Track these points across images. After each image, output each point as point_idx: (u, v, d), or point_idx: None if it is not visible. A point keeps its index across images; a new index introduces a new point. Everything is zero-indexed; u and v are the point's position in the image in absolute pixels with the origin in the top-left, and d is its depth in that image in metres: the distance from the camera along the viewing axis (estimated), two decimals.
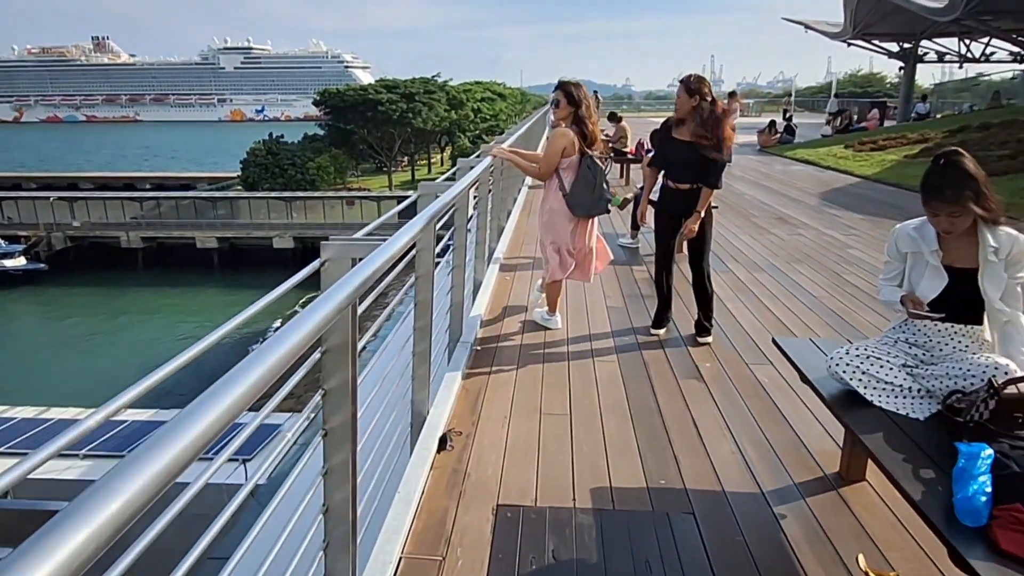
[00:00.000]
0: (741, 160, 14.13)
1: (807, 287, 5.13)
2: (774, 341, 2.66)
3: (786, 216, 8.21)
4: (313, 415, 1.58)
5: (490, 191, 5.28)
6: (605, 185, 3.89)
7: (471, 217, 4.22)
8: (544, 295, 4.30)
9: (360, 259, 1.66)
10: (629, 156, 10.69)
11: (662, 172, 4.06)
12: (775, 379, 3.40)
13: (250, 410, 0.97)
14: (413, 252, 2.43)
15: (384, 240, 1.85)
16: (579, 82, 3.88)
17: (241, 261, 36.28)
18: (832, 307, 4.64)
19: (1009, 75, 27.56)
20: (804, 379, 2.45)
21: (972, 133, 13.61)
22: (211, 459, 1.13)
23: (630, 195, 6.57)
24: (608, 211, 3.99)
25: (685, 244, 4.28)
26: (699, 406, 3.12)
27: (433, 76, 44.64)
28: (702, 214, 3.80)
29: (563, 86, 3.81)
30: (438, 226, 2.77)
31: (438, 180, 3.67)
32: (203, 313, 29.12)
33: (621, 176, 11.31)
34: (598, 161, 3.88)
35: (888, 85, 57.38)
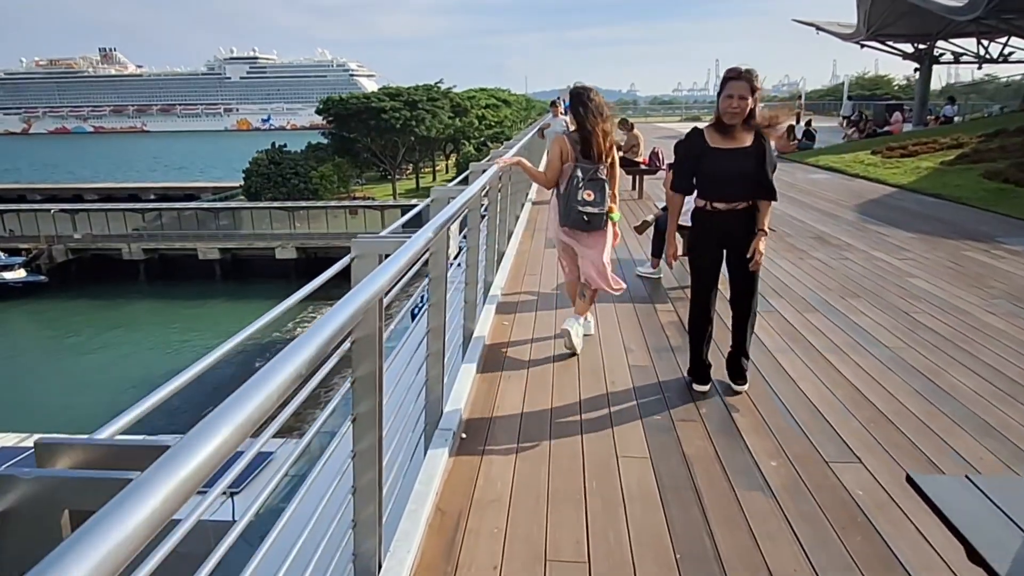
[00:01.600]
0: None
1: (874, 333, 4.17)
2: (909, 480, 1.68)
3: (825, 235, 7.23)
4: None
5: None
6: (586, 195, 3.57)
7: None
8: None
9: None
10: (642, 166, 9.76)
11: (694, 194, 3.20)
12: (872, 490, 2.46)
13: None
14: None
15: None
16: (587, 86, 3.69)
17: (243, 272, 36.02)
18: (913, 363, 3.68)
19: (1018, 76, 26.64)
20: (974, 557, 1.49)
21: (1011, 137, 12.62)
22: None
23: (650, 217, 5.67)
24: (588, 224, 3.62)
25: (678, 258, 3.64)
26: (774, 544, 2.17)
27: (436, 83, 44.18)
28: (767, 231, 3.09)
29: (572, 96, 3.69)
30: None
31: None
32: (206, 326, 28.71)
33: (633, 188, 10.39)
34: (600, 173, 3.59)
35: (896, 87, 56.39)
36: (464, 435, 2.89)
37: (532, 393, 3.38)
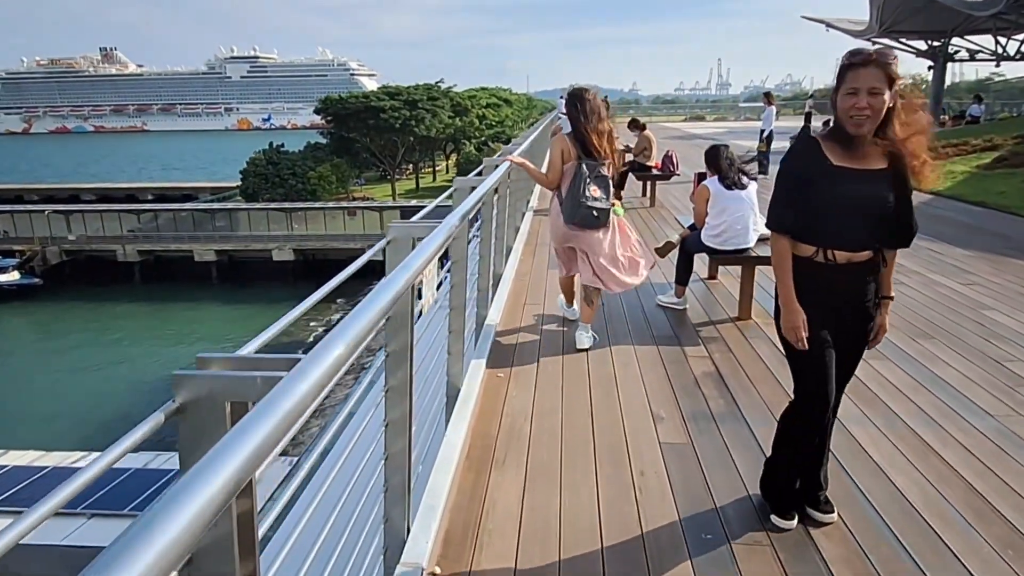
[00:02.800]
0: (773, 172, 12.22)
1: (966, 392, 3.31)
2: None
3: None
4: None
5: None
6: (593, 191, 3.63)
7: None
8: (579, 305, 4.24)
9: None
10: (655, 171, 8.88)
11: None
12: None
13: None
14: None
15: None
16: (583, 87, 3.77)
17: (240, 274, 35.55)
18: None
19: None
20: None
21: None
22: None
23: (674, 237, 4.80)
24: (597, 220, 3.70)
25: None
26: None
27: (436, 82, 43.53)
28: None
29: (567, 99, 3.76)
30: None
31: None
32: (202, 331, 28.17)
33: (644, 194, 9.52)
34: (603, 170, 3.67)
35: (900, 85, 55.31)
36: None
37: (533, 491, 2.52)
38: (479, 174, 4.27)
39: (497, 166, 4.26)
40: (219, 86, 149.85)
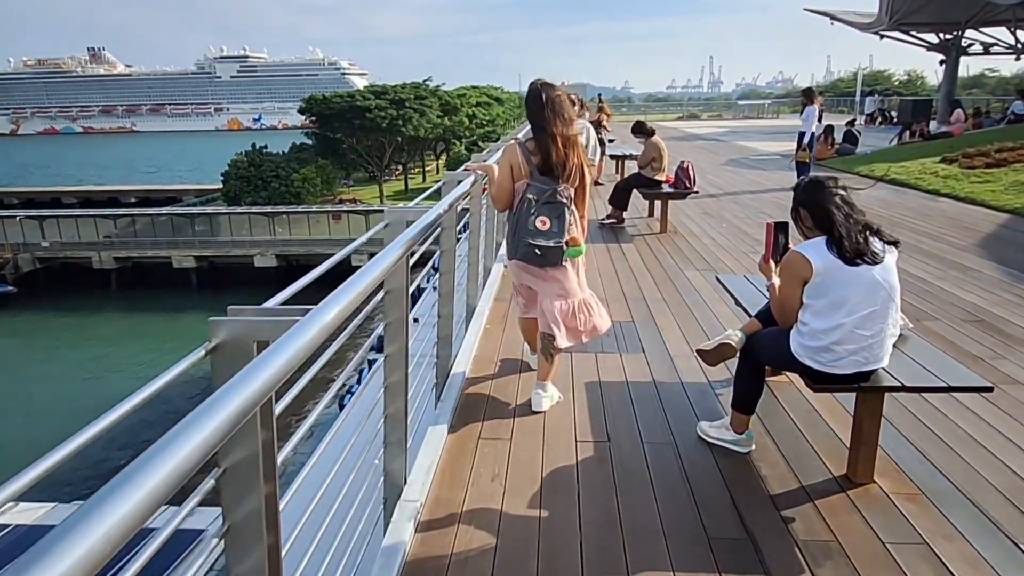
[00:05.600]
0: (791, 178, 10.60)
1: None
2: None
3: (980, 311, 4.44)
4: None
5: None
6: (540, 223, 2.80)
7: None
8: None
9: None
10: (666, 186, 7.16)
11: None
12: None
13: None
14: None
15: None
16: (545, 82, 2.91)
17: (221, 281, 34.37)
18: None
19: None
20: None
21: None
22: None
23: (735, 336, 2.73)
24: (542, 259, 2.84)
25: None
26: None
27: (424, 81, 42.02)
28: None
29: (530, 92, 2.92)
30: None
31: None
32: (179, 343, 26.77)
33: (651, 214, 7.81)
34: (559, 193, 2.80)
35: (896, 83, 54.13)
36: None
37: None
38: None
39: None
40: (209, 86, 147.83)
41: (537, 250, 2.81)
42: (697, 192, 7.47)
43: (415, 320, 3.32)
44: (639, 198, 7.85)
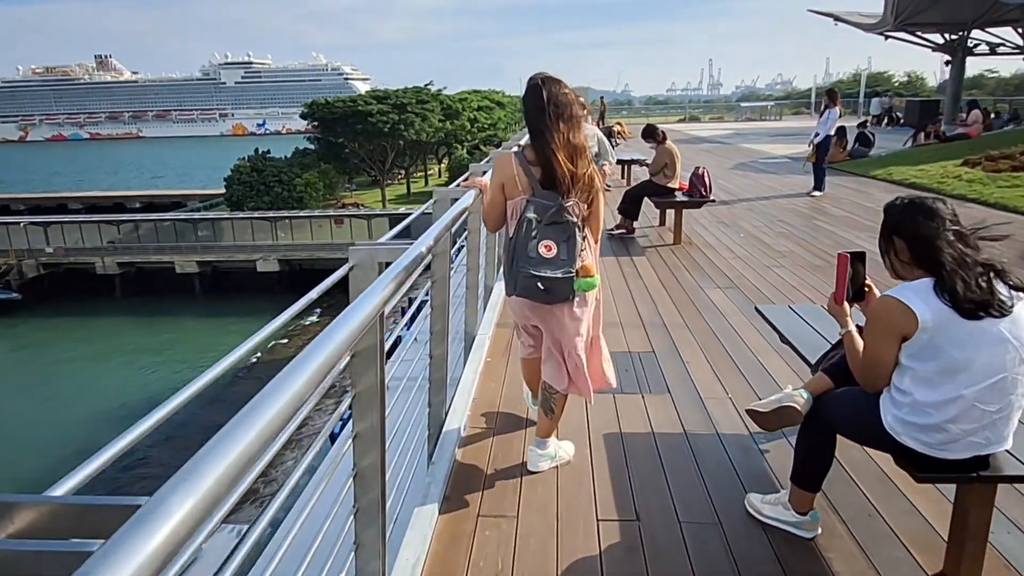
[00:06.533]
0: (805, 183, 10.07)
1: None
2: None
3: None
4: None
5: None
6: (543, 249, 2.22)
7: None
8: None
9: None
10: (679, 195, 6.68)
11: None
12: None
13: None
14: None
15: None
16: (547, 76, 2.33)
17: (224, 286, 34.42)
18: None
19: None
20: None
21: None
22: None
23: (797, 396, 2.13)
24: (547, 294, 2.27)
25: None
26: None
27: (426, 85, 41.80)
28: None
29: (529, 89, 2.33)
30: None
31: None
32: (184, 351, 26.55)
33: (662, 223, 7.33)
34: (567, 212, 2.22)
35: (896, 84, 53.60)
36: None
37: None
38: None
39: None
40: (214, 92, 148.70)
41: (540, 283, 2.23)
42: (714, 200, 6.96)
43: (401, 360, 2.84)
44: (650, 206, 7.39)
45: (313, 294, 1.55)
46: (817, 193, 9.59)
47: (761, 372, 3.40)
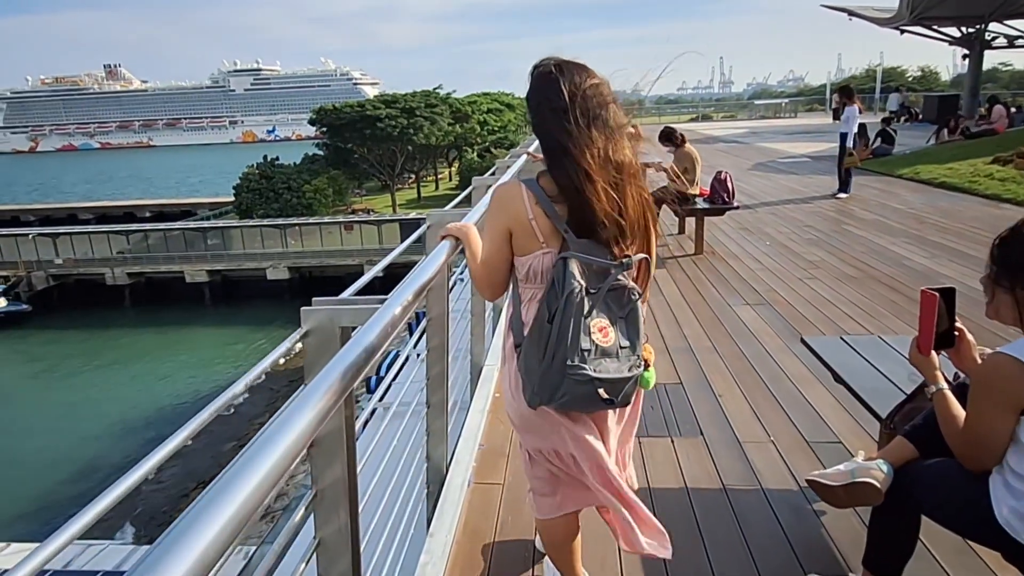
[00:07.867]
0: (829, 184, 9.66)
1: None
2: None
3: None
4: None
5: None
6: (600, 334, 1.42)
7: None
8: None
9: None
10: (698, 201, 6.31)
11: None
12: None
13: None
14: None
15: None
16: (566, 61, 1.52)
17: (233, 295, 34.47)
18: None
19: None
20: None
21: None
22: None
23: (876, 469, 1.73)
24: (610, 403, 1.47)
25: None
26: None
27: (435, 89, 41.66)
28: None
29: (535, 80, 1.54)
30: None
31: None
32: (195, 361, 26.62)
33: (682, 232, 6.95)
34: (622, 277, 1.46)
35: (909, 79, 52.79)
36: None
37: None
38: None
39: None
40: (223, 99, 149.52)
41: (603, 388, 1.45)
42: (737, 207, 6.59)
43: (396, 408, 2.49)
44: (668, 214, 7.01)
45: (266, 363, 1.29)
46: (843, 195, 9.16)
47: (805, 408, 3.02)
